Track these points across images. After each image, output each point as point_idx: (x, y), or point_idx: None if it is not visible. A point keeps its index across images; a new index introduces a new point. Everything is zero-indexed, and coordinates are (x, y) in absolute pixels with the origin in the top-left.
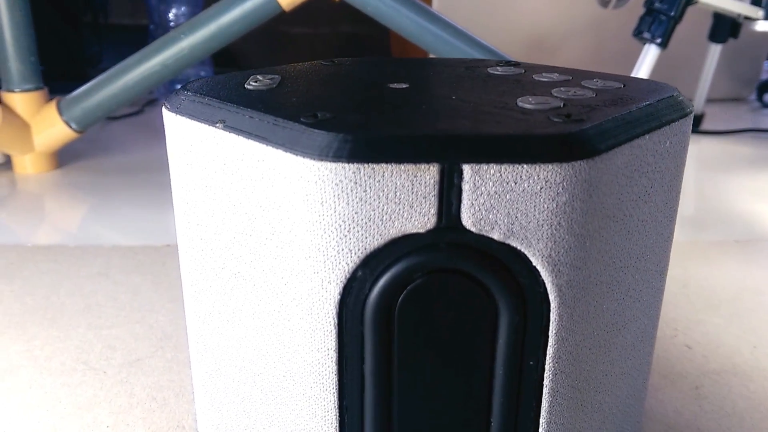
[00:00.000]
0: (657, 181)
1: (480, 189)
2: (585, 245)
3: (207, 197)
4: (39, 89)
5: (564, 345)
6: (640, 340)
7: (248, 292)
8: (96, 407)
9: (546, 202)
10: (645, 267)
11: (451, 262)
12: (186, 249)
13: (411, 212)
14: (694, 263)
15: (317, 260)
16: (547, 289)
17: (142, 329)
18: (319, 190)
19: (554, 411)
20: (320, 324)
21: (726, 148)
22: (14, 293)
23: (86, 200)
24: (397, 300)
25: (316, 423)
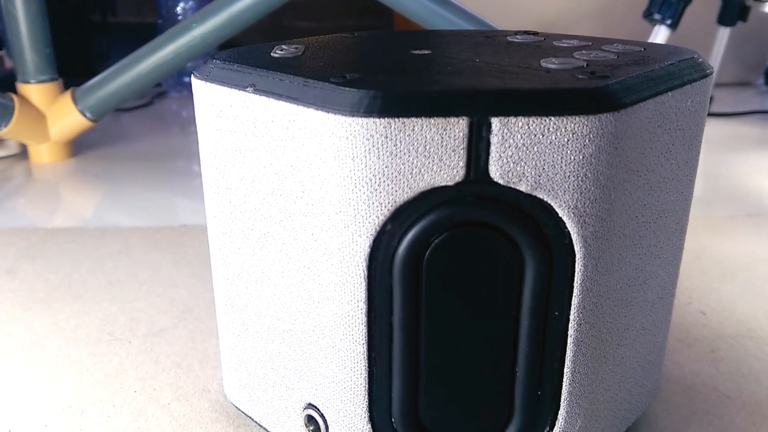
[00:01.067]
0: (678, 139)
1: (508, 142)
2: (610, 197)
3: (237, 161)
4: (54, 80)
5: (588, 296)
6: (659, 297)
7: (278, 251)
8: (122, 374)
9: (573, 154)
10: (665, 224)
11: (479, 215)
12: (214, 214)
13: (440, 165)
14: (707, 236)
15: (348, 215)
16: (573, 240)
17: (164, 302)
18: (351, 146)
19: (578, 361)
20: (350, 277)
21: (735, 129)
22: (36, 272)
23: (102, 187)
24: (425, 253)
25: (345, 375)
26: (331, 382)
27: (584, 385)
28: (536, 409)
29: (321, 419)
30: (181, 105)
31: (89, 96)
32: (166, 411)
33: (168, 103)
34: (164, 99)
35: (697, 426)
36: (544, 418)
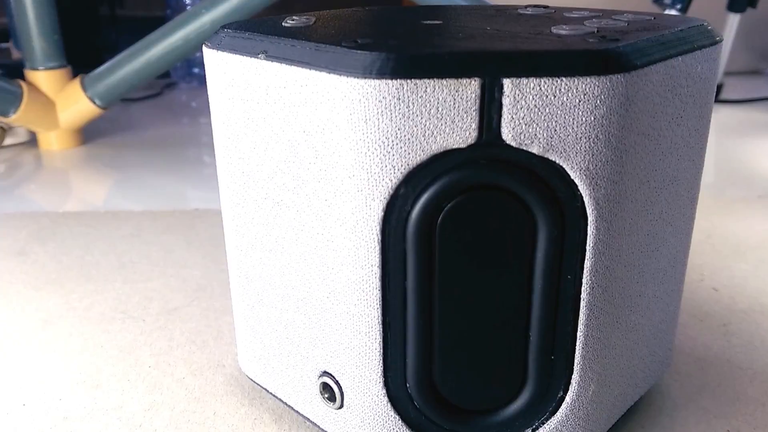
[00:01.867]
0: (689, 105)
1: (520, 103)
2: (621, 159)
3: (249, 130)
4: (63, 67)
5: (601, 259)
6: (671, 265)
7: (291, 219)
8: (137, 350)
9: (584, 115)
10: (677, 191)
11: (491, 178)
12: (227, 185)
13: (452, 127)
14: (718, 216)
15: (361, 178)
16: (585, 202)
17: (177, 282)
18: (363, 108)
19: (591, 325)
20: (364, 242)
21: (746, 115)
22: (49, 254)
23: (112, 173)
24: (438, 216)
25: (359, 340)
26: (345, 349)
27: (597, 350)
28: (550, 373)
29: (336, 386)
30: (190, 96)
31: (98, 83)
32: (181, 385)
33: (177, 94)
34: (174, 90)
35: (709, 396)
36: (557, 383)
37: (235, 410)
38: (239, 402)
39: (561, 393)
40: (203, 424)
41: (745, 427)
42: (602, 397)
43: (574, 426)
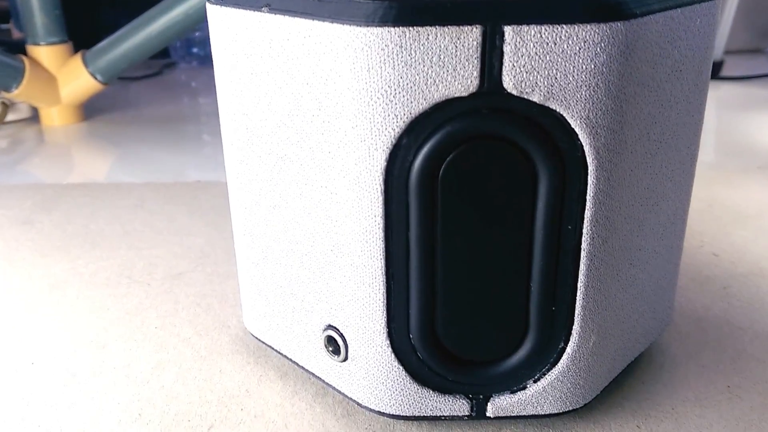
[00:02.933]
0: (689, 58)
1: (521, 50)
2: (621, 109)
3: (252, 85)
4: (64, 42)
5: (601, 209)
6: (671, 221)
7: (295, 173)
8: (143, 312)
9: (584, 63)
10: (676, 145)
11: (493, 127)
12: (231, 142)
13: (454, 75)
14: (719, 186)
15: (363, 128)
16: (585, 152)
17: (181, 249)
18: (366, 57)
19: (591, 276)
20: (367, 192)
21: (746, 91)
22: (53, 222)
23: (114, 148)
24: (440, 167)
25: (363, 292)
26: (350, 301)
27: (598, 301)
28: (551, 324)
29: (341, 339)
30: (190, 75)
31: (99, 58)
32: (187, 344)
33: (177, 74)
34: (173, 69)
35: (710, 354)
36: (558, 334)
37: (241, 368)
38: (245, 360)
39: (562, 344)
40: (210, 380)
41: (745, 383)
42: (603, 349)
43: (575, 377)
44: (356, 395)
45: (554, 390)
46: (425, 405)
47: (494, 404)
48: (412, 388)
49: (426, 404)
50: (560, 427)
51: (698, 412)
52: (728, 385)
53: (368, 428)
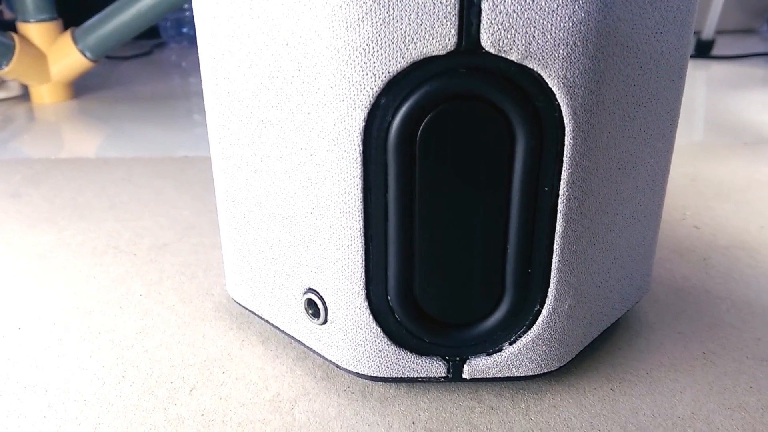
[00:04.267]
0: (669, 21)
1: (499, 8)
2: (599, 68)
3: (234, 48)
4: (54, 19)
5: (578, 171)
6: (650, 187)
7: (275, 136)
8: (129, 281)
9: (562, 20)
10: (656, 110)
11: (471, 87)
12: (213, 107)
13: (432, 33)
14: (704, 162)
15: (342, 88)
16: (562, 112)
17: (167, 221)
18: (344, 15)
19: (567, 238)
20: (346, 153)
21: (737, 70)
22: (42, 195)
23: (103, 125)
24: (418, 127)
25: (342, 254)
26: (329, 263)
27: (573, 264)
28: (527, 286)
29: (320, 301)
30: (180, 55)
31: (89, 35)
32: (172, 311)
33: (167, 53)
34: (164, 49)
35: (686, 322)
36: (534, 296)
37: (224, 333)
38: (227, 326)
39: (538, 306)
40: (193, 345)
41: (720, 349)
42: (578, 312)
43: (550, 339)
44: (335, 357)
45: (530, 352)
46: (402, 366)
47: (470, 366)
48: (390, 349)
49: (403, 366)
50: (535, 389)
51: (672, 376)
52: (703, 352)
53: (347, 390)
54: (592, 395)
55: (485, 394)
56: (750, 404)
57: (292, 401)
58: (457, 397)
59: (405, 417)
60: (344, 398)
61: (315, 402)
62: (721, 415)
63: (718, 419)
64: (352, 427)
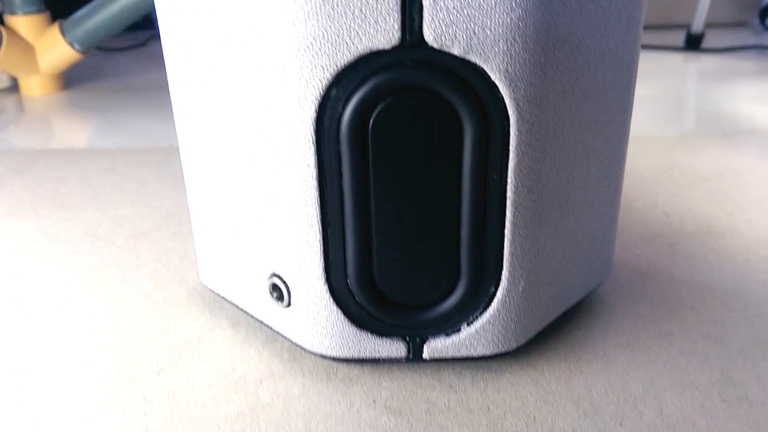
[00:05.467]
0: (614, 16)
1: (439, 5)
2: (540, 62)
3: (195, 42)
4: (41, 12)
5: (524, 159)
6: (604, 175)
7: (236, 125)
8: (105, 268)
9: (500, 17)
10: (605, 100)
11: (417, 79)
12: (178, 97)
13: (376, 28)
14: (681, 152)
15: (293, 80)
16: (506, 104)
17: (148, 210)
18: (291, 10)
19: (518, 223)
20: (299, 143)
21: (725, 63)
22: (25, 185)
23: (92, 115)
24: (369, 118)
25: (301, 239)
26: (289, 249)
27: (525, 248)
28: (481, 269)
29: (284, 286)
30: None
31: (77, 27)
32: (146, 297)
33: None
34: (158, 41)
35: (647, 304)
36: (488, 279)
37: (196, 318)
38: (200, 311)
39: (493, 288)
40: (164, 329)
41: (678, 330)
42: (534, 294)
43: (506, 320)
44: (300, 340)
45: (486, 333)
46: (364, 347)
47: (430, 346)
48: (351, 331)
49: (365, 347)
50: (495, 368)
51: (628, 356)
52: (661, 332)
53: (312, 371)
54: (549, 374)
55: (446, 374)
56: (701, 382)
57: (257, 382)
58: (419, 377)
59: (366, 396)
60: (309, 379)
61: (280, 383)
62: (671, 392)
63: (669, 396)
64: (314, 406)
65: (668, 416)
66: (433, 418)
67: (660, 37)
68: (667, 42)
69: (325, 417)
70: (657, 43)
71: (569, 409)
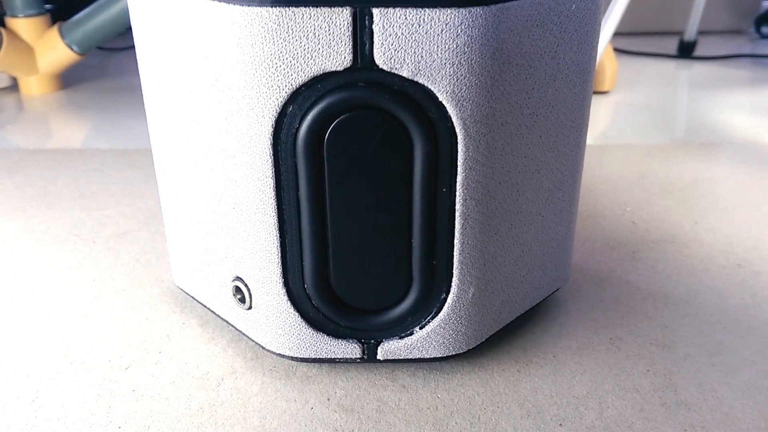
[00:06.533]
0: (565, 40)
1: (388, 30)
2: (486, 84)
3: (165, 57)
4: (41, 14)
5: (472, 174)
6: (557, 187)
7: (200, 137)
8: (84, 267)
9: (446, 43)
10: (557, 119)
11: (370, 99)
12: (151, 107)
13: (329, 51)
14: (657, 160)
15: (251, 97)
16: (454, 123)
17: (131, 210)
18: (249, 33)
19: (467, 233)
20: (258, 155)
21: (716, 71)
22: (15, 184)
23: (89, 115)
24: (324, 134)
25: (261, 245)
26: (250, 254)
27: (474, 257)
28: (432, 276)
29: (246, 289)
30: None
31: (75, 30)
32: (120, 295)
33: None
34: None
35: (602, 310)
36: (439, 285)
37: (166, 317)
38: (171, 310)
39: (444, 294)
40: (135, 327)
41: (627, 336)
42: (485, 300)
43: (456, 324)
44: (261, 340)
45: (438, 336)
46: (321, 348)
47: (384, 348)
48: (308, 333)
49: (322, 347)
50: (447, 370)
51: (577, 359)
52: (611, 338)
53: (272, 369)
54: (499, 375)
55: (400, 374)
56: (643, 386)
57: (219, 379)
58: (374, 377)
59: (322, 394)
60: (268, 377)
61: (240, 380)
62: (614, 396)
63: (611, 399)
64: (271, 402)
65: (607, 418)
66: (382, 416)
67: (653, 44)
68: (660, 49)
69: (280, 413)
70: (649, 50)
71: (513, 409)
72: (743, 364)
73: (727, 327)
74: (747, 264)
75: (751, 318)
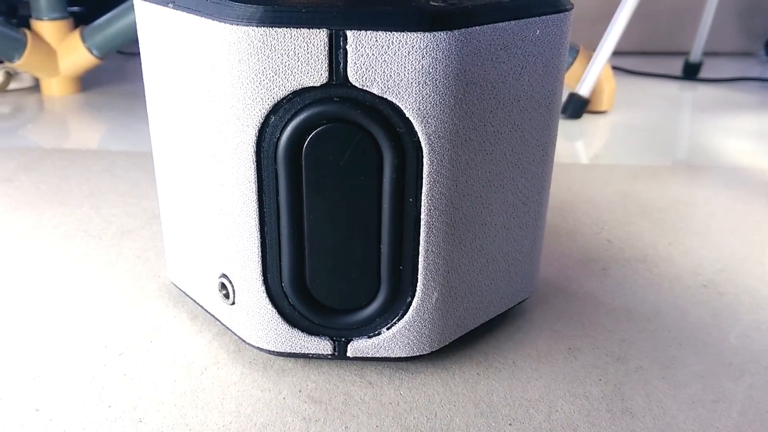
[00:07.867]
0: (529, 63)
1: (360, 51)
2: (450, 102)
3: (164, 69)
4: (65, 18)
5: (436, 186)
6: (523, 203)
7: (194, 144)
8: (88, 261)
9: (413, 64)
10: (522, 136)
11: (343, 112)
12: (151, 113)
13: (307, 68)
14: (641, 181)
15: (237, 108)
16: (420, 137)
17: (136, 210)
18: (237, 50)
19: (431, 241)
20: (243, 162)
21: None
22: (31, 181)
23: (105, 117)
24: (303, 143)
25: (243, 246)
26: (234, 254)
27: (438, 264)
28: (398, 280)
29: (230, 285)
30: None
31: (96, 34)
32: (118, 290)
33: None
34: None
35: (565, 322)
36: (405, 289)
37: (160, 310)
38: (165, 305)
39: (409, 298)
40: (129, 319)
41: (585, 347)
42: (448, 306)
43: (420, 327)
44: (243, 334)
45: (403, 337)
46: (296, 343)
47: (353, 346)
48: (284, 328)
49: (296, 343)
50: (412, 369)
51: (534, 366)
52: (570, 348)
53: (252, 362)
54: (459, 377)
55: (368, 372)
56: (593, 393)
57: (203, 368)
58: (344, 373)
59: (294, 386)
60: (248, 369)
61: (222, 370)
62: (564, 401)
63: (561, 403)
64: (247, 391)
65: (554, 421)
66: (348, 408)
67: (658, 65)
68: (665, 70)
69: (255, 401)
70: (654, 71)
71: (469, 408)
72: (692, 379)
73: (683, 343)
74: (712, 285)
75: (707, 336)
